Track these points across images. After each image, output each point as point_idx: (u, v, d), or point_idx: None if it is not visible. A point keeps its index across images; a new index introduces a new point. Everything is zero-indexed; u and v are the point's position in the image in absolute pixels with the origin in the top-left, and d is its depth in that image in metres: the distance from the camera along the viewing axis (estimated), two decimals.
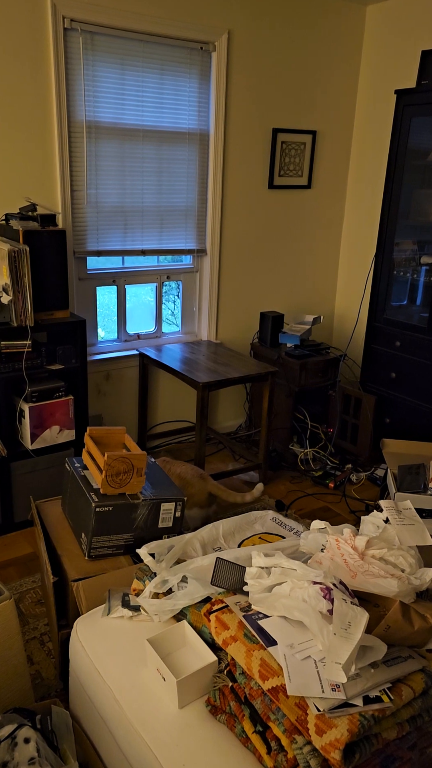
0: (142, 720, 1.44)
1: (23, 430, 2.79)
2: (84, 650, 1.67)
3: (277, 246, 3.91)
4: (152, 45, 3.09)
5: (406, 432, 3.45)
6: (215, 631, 1.49)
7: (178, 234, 3.52)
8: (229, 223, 3.66)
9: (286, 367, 3.55)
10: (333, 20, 3.62)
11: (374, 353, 3.61)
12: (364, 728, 1.23)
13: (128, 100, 3.12)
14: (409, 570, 1.55)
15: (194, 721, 1.42)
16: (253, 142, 3.58)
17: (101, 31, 2.93)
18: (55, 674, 2.09)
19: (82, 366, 2.90)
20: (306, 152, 3.80)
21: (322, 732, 1.22)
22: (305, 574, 1.44)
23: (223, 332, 3.87)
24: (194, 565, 1.74)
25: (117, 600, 1.78)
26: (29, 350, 2.69)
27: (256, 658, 1.37)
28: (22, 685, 1.78)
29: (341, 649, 1.29)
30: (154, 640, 1.55)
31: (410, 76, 3.54)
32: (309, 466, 3.61)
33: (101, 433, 2.31)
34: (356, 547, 1.58)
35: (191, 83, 3.28)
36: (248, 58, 3.41)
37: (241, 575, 1.59)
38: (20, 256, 2.56)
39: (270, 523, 2.14)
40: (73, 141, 3.03)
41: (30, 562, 2.69)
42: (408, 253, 3.44)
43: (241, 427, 4.07)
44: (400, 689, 1.32)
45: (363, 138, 3.92)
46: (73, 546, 2.13)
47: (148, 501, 2.10)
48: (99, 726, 1.59)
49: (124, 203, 3.27)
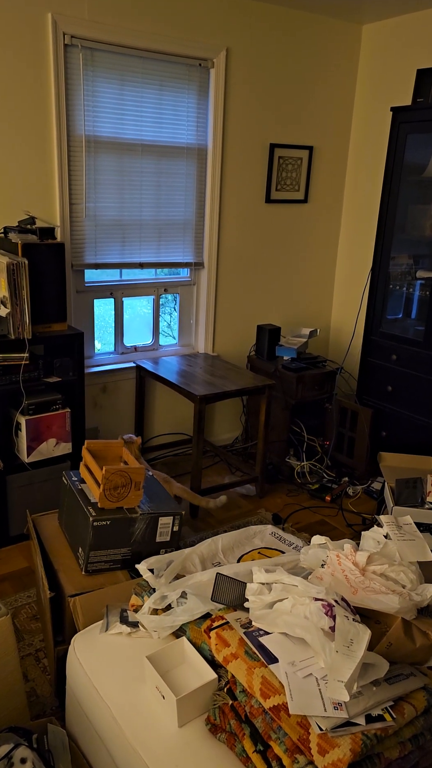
0: (140, 739, 1.42)
1: (20, 443, 2.78)
2: (81, 667, 1.65)
3: (273, 259, 3.93)
4: (152, 61, 3.13)
5: (403, 445, 3.45)
6: (215, 648, 1.48)
7: (176, 247, 3.53)
8: (227, 237, 3.68)
9: (282, 380, 3.55)
10: (330, 39, 3.67)
11: (370, 366, 3.62)
12: (367, 748, 1.22)
13: (127, 115, 3.14)
14: (410, 586, 1.54)
15: (194, 740, 1.41)
16: (250, 157, 3.61)
17: (101, 47, 2.95)
18: (51, 691, 2.06)
19: (79, 378, 2.89)
20: (303, 167, 3.83)
21: (325, 752, 1.20)
22: (306, 591, 1.43)
23: (220, 345, 3.88)
24: (194, 580, 1.73)
25: (115, 616, 1.76)
26: (27, 363, 2.69)
27: (257, 676, 1.36)
28: (18, 703, 1.76)
29: (343, 667, 1.28)
30: (153, 657, 1.54)
31: (406, 93, 3.58)
32: (306, 479, 3.60)
33: (99, 447, 2.30)
34: (357, 563, 1.57)
35: (190, 99, 3.31)
36: (246, 75, 3.45)
37: (241, 591, 1.58)
38: (19, 269, 2.56)
39: (269, 537, 2.14)
40: (73, 155, 3.04)
41: (25, 576, 2.66)
42: (404, 267, 3.46)
43: (237, 439, 4.07)
44: (403, 707, 1.31)
45: (359, 154, 3.96)
46: (69, 560, 2.11)
47: (146, 515, 2.08)
48: (96, 745, 1.57)
49: (122, 216, 3.28)
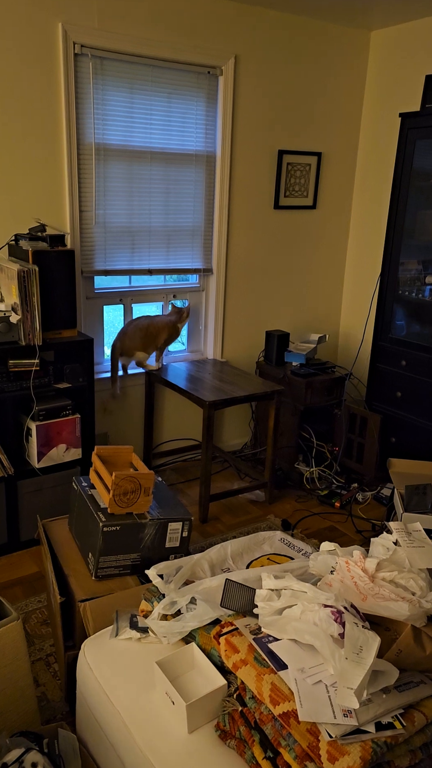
0: (151, 744, 1.42)
1: (30, 448, 2.80)
2: (92, 672, 1.66)
3: (282, 265, 3.94)
4: (160, 69, 3.15)
5: (412, 451, 3.44)
6: (225, 654, 1.48)
7: (185, 254, 3.55)
8: (235, 243, 3.70)
9: (291, 385, 3.55)
10: (338, 45, 3.69)
11: (380, 372, 3.61)
12: (377, 755, 1.21)
13: (137, 123, 3.17)
14: (420, 593, 1.54)
15: (204, 746, 1.41)
16: (259, 164, 3.63)
17: (111, 56, 2.98)
18: (61, 696, 2.07)
19: (89, 384, 2.91)
20: (311, 173, 3.84)
21: (335, 759, 1.20)
22: (316, 597, 1.44)
23: (229, 351, 3.89)
24: (203, 586, 1.74)
25: (125, 621, 1.77)
26: (37, 369, 2.71)
27: (266, 682, 1.36)
28: (29, 707, 1.77)
29: (353, 674, 1.28)
30: (163, 662, 1.54)
31: (414, 99, 3.59)
32: (315, 485, 3.60)
33: (109, 452, 2.32)
34: (366, 570, 1.57)
35: (198, 106, 3.33)
36: (254, 82, 3.47)
37: (251, 597, 1.59)
38: (29, 276, 2.58)
39: (278, 543, 2.14)
40: (82, 163, 3.07)
41: (36, 581, 2.68)
42: (413, 273, 3.46)
43: (246, 445, 4.07)
44: (413, 715, 1.31)
45: (367, 159, 3.96)
46: (79, 566, 2.12)
47: (156, 521, 2.09)
48: (107, 750, 1.57)
49: (131, 223, 3.31)
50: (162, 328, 3.34)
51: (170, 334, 3.38)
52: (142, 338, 3.31)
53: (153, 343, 3.35)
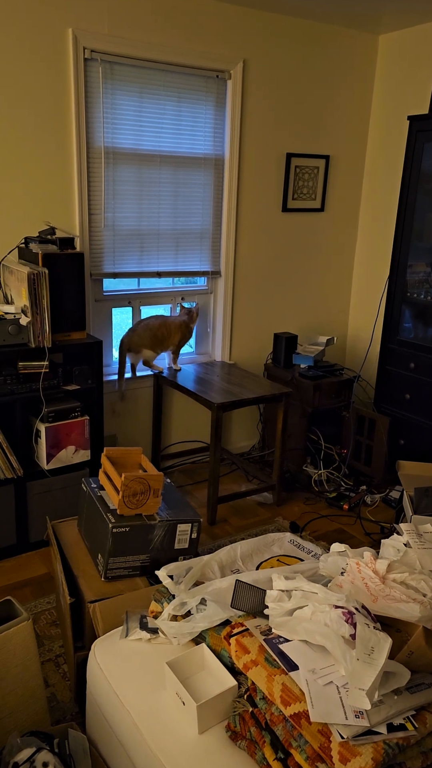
0: (161, 745, 1.43)
1: (39, 450, 2.81)
2: (102, 673, 1.66)
3: (290, 268, 3.95)
4: (170, 74, 3.17)
5: (421, 454, 3.43)
6: (235, 655, 1.48)
7: (193, 256, 3.56)
8: (244, 246, 3.70)
9: (299, 388, 3.55)
10: (346, 49, 3.70)
11: (388, 374, 3.61)
12: (389, 757, 1.21)
13: (146, 127, 3.18)
14: (431, 594, 1.53)
15: (214, 747, 1.41)
16: (267, 167, 3.64)
17: (120, 60, 3.00)
18: (71, 697, 2.08)
19: (98, 386, 2.92)
20: (319, 176, 3.85)
21: (346, 760, 1.20)
22: (327, 598, 1.44)
23: (237, 353, 3.89)
24: (213, 587, 1.74)
25: (135, 622, 1.77)
26: (46, 371, 2.72)
27: (277, 683, 1.36)
28: (39, 707, 1.77)
29: (364, 675, 1.28)
30: (173, 663, 1.54)
31: (423, 102, 3.59)
32: (323, 488, 3.59)
33: (118, 454, 2.32)
34: (377, 571, 1.57)
35: (207, 110, 3.35)
36: (263, 86, 3.48)
37: (261, 598, 1.58)
38: (39, 279, 2.60)
39: (288, 545, 2.14)
40: (92, 166, 3.09)
41: (45, 582, 2.68)
42: (421, 275, 3.46)
43: (254, 447, 4.07)
44: (425, 717, 1.31)
45: (375, 162, 3.97)
46: (89, 567, 2.12)
47: (165, 522, 2.10)
48: (117, 751, 1.58)
49: (140, 226, 3.32)
50: (175, 329, 3.35)
51: (183, 334, 3.39)
52: (151, 337, 3.31)
53: (162, 343, 3.36)
